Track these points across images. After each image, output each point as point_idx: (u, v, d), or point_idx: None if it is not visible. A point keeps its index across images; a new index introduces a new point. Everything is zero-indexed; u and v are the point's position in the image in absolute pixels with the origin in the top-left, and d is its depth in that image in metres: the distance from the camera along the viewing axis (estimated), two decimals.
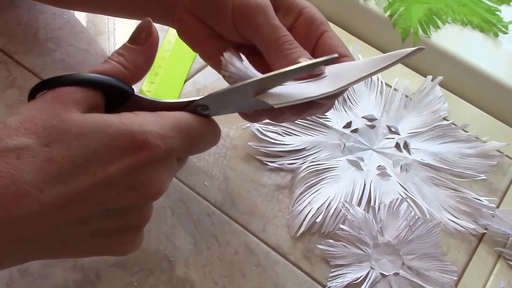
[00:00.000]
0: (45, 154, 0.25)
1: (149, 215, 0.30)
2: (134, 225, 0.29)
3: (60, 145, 0.25)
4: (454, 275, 0.39)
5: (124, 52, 0.30)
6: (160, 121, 0.28)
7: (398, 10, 0.58)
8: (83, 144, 0.25)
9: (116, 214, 0.28)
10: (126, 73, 0.29)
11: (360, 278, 0.38)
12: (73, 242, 0.27)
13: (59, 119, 0.26)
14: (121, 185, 0.26)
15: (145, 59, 0.30)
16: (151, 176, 0.27)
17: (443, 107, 0.51)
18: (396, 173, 0.46)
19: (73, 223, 0.26)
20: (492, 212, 0.44)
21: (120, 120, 0.27)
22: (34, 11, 0.51)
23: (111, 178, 0.26)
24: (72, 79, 0.27)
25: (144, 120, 0.27)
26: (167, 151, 0.27)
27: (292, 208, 0.42)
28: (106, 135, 0.26)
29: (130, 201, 0.27)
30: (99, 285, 0.36)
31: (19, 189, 0.24)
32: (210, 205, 0.41)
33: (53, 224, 0.25)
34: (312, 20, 0.35)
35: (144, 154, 0.26)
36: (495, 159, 0.48)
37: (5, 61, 0.46)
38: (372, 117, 0.49)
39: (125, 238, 0.29)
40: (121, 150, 0.26)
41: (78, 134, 0.25)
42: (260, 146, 0.45)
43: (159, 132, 0.27)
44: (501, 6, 0.61)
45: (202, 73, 0.50)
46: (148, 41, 0.30)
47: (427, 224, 0.40)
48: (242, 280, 0.38)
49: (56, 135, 0.25)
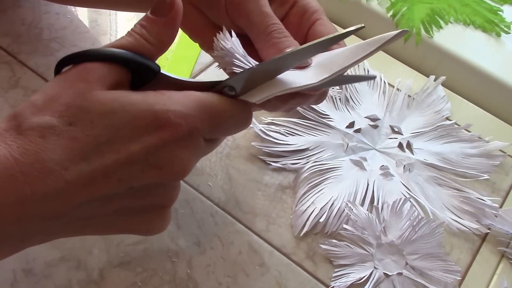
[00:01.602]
0: (69, 133, 0.25)
1: (175, 195, 0.30)
2: (159, 205, 0.30)
3: (84, 123, 0.25)
4: (458, 275, 0.39)
5: (147, 25, 0.29)
6: (184, 100, 0.28)
7: (400, 10, 0.58)
8: (106, 122, 0.25)
9: (140, 193, 0.28)
10: (150, 48, 0.29)
11: (364, 278, 0.38)
12: (98, 219, 0.28)
13: (83, 98, 0.26)
14: (144, 163, 0.26)
15: (169, 31, 0.29)
16: (174, 155, 0.27)
17: (446, 107, 0.51)
18: (399, 173, 0.46)
19: (97, 201, 0.26)
20: (495, 212, 0.44)
21: (144, 99, 0.27)
22: (38, 11, 0.51)
23: (134, 156, 0.26)
24: (98, 54, 0.27)
25: (168, 99, 0.27)
26: (190, 130, 0.27)
27: (295, 208, 0.42)
28: (129, 114, 0.26)
29: (153, 179, 0.27)
30: (102, 285, 0.36)
31: (44, 166, 0.24)
32: (214, 205, 0.41)
33: (78, 201, 0.25)
34: (305, 9, 0.35)
35: (167, 133, 0.26)
36: (498, 159, 0.48)
37: (9, 61, 0.46)
38: (375, 117, 0.49)
39: (150, 217, 0.30)
40: (144, 129, 0.26)
41: (101, 113, 0.26)
42: (263, 146, 0.45)
43: (182, 111, 0.27)
44: (503, 6, 0.61)
45: (205, 74, 0.50)
46: (172, 12, 0.29)
47: (430, 224, 0.40)
48: (246, 280, 0.38)
49: (79, 114, 0.25)
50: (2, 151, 0.24)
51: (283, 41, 0.32)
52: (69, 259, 0.36)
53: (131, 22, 0.53)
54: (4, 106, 0.43)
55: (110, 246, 0.37)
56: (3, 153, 0.24)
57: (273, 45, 0.32)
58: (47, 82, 0.28)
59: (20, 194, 0.24)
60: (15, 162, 0.24)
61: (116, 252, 0.37)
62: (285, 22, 0.34)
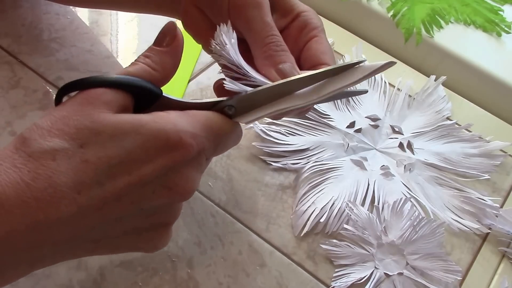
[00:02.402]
0: (81, 156, 0.25)
1: (179, 212, 0.31)
2: (164, 223, 0.30)
3: (95, 146, 0.25)
4: (458, 275, 0.39)
5: (150, 54, 0.30)
6: (192, 121, 0.28)
7: (401, 10, 0.58)
8: (118, 144, 0.25)
9: (149, 212, 0.28)
10: (154, 74, 0.29)
11: (364, 278, 0.38)
12: (107, 240, 0.28)
13: (92, 120, 0.25)
14: (156, 185, 0.26)
15: (171, 60, 0.30)
16: (184, 175, 0.27)
17: (447, 107, 0.51)
18: (399, 173, 0.46)
19: (107, 223, 0.26)
20: (496, 211, 0.44)
21: (154, 120, 0.27)
22: (38, 11, 0.51)
23: (146, 178, 0.26)
24: (101, 81, 0.27)
25: (176, 119, 0.27)
26: (199, 151, 0.28)
27: (296, 208, 0.42)
28: (140, 135, 0.26)
29: (163, 200, 0.27)
30: (103, 284, 0.36)
31: (56, 191, 0.24)
32: (214, 205, 0.41)
33: (89, 225, 0.25)
34: (306, 24, 0.35)
35: (178, 154, 0.27)
36: (498, 159, 0.48)
37: (10, 62, 0.46)
38: (375, 117, 0.49)
39: (156, 235, 0.30)
40: (156, 150, 0.26)
41: (112, 135, 0.25)
42: (263, 146, 0.45)
43: (192, 132, 0.27)
44: (504, 6, 0.61)
45: (205, 73, 0.50)
46: (174, 43, 0.30)
47: (431, 224, 0.40)
48: (246, 280, 0.38)
49: (90, 136, 0.25)
50: (12, 176, 0.24)
51: (279, 55, 0.32)
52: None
53: (131, 22, 0.53)
54: (5, 107, 0.43)
55: None
56: (14, 177, 0.24)
57: (269, 57, 0.32)
58: (52, 108, 0.28)
59: (32, 220, 0.23)
60: (27, 188, 0.23)
61: None
62: (284, 34, 0.34)
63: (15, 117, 0.43)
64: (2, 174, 0.24)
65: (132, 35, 0.52)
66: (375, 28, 0.59)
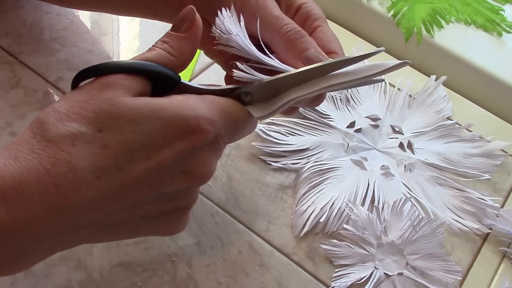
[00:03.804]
0: (100, 140, 0.24)
1: (197, 197, 0.31)
2: (182, 207, 0.30)
3: (114, 130, 0.25)
4: (459, 275, 0.39)
5: (169, 39, 0.29)
6: (210, 106, 0.28)
7: (401, 10, 0.58)
8: (137, 129, 0.25)
9: (168, 197, 0.28)
10: (172, 60, 0.29)
11: (364, 278, 0.38)
12: (125, 225, 0.28)
13: (110, 104, 0.25)
14: (174, 169, 0.27)
15: (190, 45, 0.30)
16: (202, 160, 0.28)
17: (447, 107, 0.51)
18: (400, 173, 0.45)
19: (127, 207, 0.26)
20: (496, 211, 0.43)
21: (173, 104, 0.26)
22: (39, 12, 0.51)
23: (165, 162, 0.26)
24: (119, 67, 0.27)
25: (195, 104, 0.27)
26: (216, 136, 0.28)
27: (295, 208, 0.42)
28: (159, 119, 0.26)
29: (182, 184, 0.27)
30: (102, 284, 0.36)
31: (76, 176, 0.24)
32: (214, 205, 0.41)
33: (109, 209, 0.25)
34: (308, 15, 0.35)
35: (196, 139, 0.27)
36: (499, 159, 0.48)
37: (10, 62, 0.46)
38: (375, 116, 0.49)
39: (174, 219, 0.30)
40: (175, 135, 0.26)
41: (131, 119, 0.25)
42: (263, 146, 0.45)
43: (210, 118, 0.27)
44: (505, 5, 0.61)
45: (206, 73, 0.50)
46: (192, 28, 0.30)
47: (431, 224, 0.40)
48: (246, 280, 0.38)
49: (109, 120, 0.25)
50: (32, 162, 0.24)
51: (300, 42, 0.32)
52: (69, 258, 0.36)
53: (132, 23, 0.53)
54: (5, 107, 0.43)
55: (110, 245, 0.37)
56: (33, 164, 0.23)
57: (291, 48, 0.32)
58: (69, 92, 0.27)
59: (53, 206, 0.23)
60: (47, 174, 0.23)
61: (116, 252, 0.37)
62: None
63: (15, 117, 0.43)
64: (21, 160, 0.24)
65: (133, 35, 0.52)
66: (375, 28, 0.59)
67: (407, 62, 0.29)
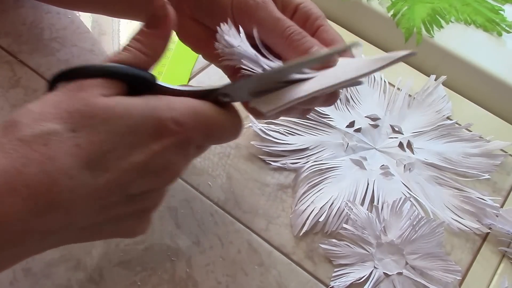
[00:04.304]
0: (73, 140, 0.24)
1: (163, 199, 0.30)
2: (146, 209, 0.29)
3: (87, 130, 0.24)
4: (458, 274, 0.39)
5: (141, 38, 0.29)
6: (182, 108, 0.28)
7: (401, 10, 0.58)
8: (110, 129, 0.25)
9: (134, 199, 0.28)
10: (146, 59, 0.29)
11: (363, 278, 0.38)
12: (91, 228, 0.27)
13: (85, 104, 0.25)
14: (144, 170, 0.26)
15: (163, 42, 0.30)
16: (170, 161, 0.27)
17: (447, 107, 0.51)
18: (399, 173, 0.45)
19: (96, 210, 0.26)
20: (496, 211, 0.43)
21: (145, 103, 0.26)
22: (39, 11, 0.51)
23: (136, 163, 0.26)
24: (95, 70, 0.27)
25: (167, 105, 0.27)
26: (187, 138, 0.28)
27: (295, 207, 0.42)
28: (133, 119, 0.26)
29: (150, 185, 0.27)
30: (102, 284, 0.36)
31: (48, 177, 0.23)
32: (213, 205, 0.41)
33: (80, 212, 0.25)
34: (307, 15, 0.34)
35: (167, 140, 0.27)
36: (499, 159, 0.48)
37: (10, 61, 0.46)
38: (375, 116, 0.49)
39: (136, 221, 0.29)
40: (146, 136, 0.26)
41: (105, 118, 0.25)
42: (263, 145, 0.45)
43: (181, 119, 0.27)
44: (504, 5, 0.61)
45: (205, 72, 0.50)
46: (165, 23, 0.29)
47: (431, 224, 0.40)
48: (245, 280, 0.38)
49: (82, 120, 0.24)
50: (2, 162, 0.23)
51: (302, 43, 0.31)
52: (68, 258, 0.36)
53: (132, 22, 0.53)
54: (5, 106, 0.43)
55: (109, 245, 0.37)
56: (3, 164, 0.23)
57: (294, 49, 0.31)
58: (44, 93, 0.27)
59: (22, 210, 0.23)
60: (17, 174, 0.23)
61: (115, 252, 0.37)
62: None
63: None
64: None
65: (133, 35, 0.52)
66: (375, 28, 0.59)
67: (414, 53, 0.29)
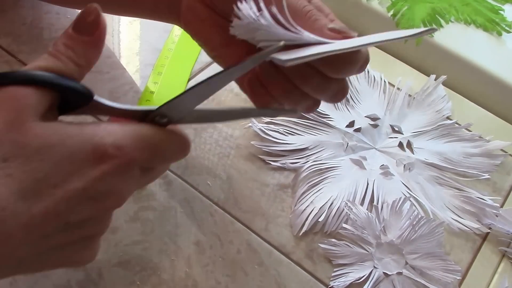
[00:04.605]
0: (4, 170, 0.23)
1: (108, 224, 0.29)
2: (91, 235, 0.28)
3: (20, 159, 0.23)
4: (458, 274, 0.39)
5: (73, 45, 0.27)
6: (120, 132, 0.27)
7: (401, 10, 0.58)
8: (43, 157, 0.24)
9: (76, 226, 0.26)
10: (77, 70, 0.27)
11: (363, 278, 0.38)
12: (31, 259, 0.26)
13: (17, 132, 0.24)
14: (82, 197, 0.25)
15: (96, 51, 0.28)
16: (111, 187, 0.26)
17: (447, 106, 0.51)
18: (399, 172, 0.45)
19: (33, 240, 0.25)
20: (496, 211, 0.43)
21: (81, 132, 0.25)
22: (39, 11, 0.51)
23: (73, 190, 0.25)
24: (28, 78, 0.25)
25: (104, 131, 0.26)
26: (128, 162, 0.26)
27: (294, 207, 0.42)
28: (67, 147, 0.25)
29: (90, 212, 0.26)
30: (101, 284, 0.36)
31: None
32: (213, 204, 0.41)
33: (15, 243, 0.24)
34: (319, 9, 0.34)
35: (105, 165, 0.25)
36: (499, 159, 0.48)
37: (9, 61, 0.46)
38: (375, 116, 0.49)
39: (82, 248, 0.28)
40: (82, 162, 0.25)
41: (38, 148, 0.24)
42: (262, 145, 0.45)
43: (119, 144, 0.26)
44: (504, 5, 0.61)
45: (205, 72, 0.50)
46: (98, 30, 0.27)
47: (430, 224, 0.40)
48: (245, 279, 0.38)
49: (14, 149, 0.24)
50: None
51: (322, 19, 0.31)
52: None
53: (133, 23, 0.53)
54: None
55: (108, 245, 0.37)
56: None
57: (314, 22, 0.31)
58: None
59: None
60: None
61: (114, 251, 0.37)
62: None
63: None
64: None
65: (133, 35, 0.52)
66: (375, 28, 0.59)
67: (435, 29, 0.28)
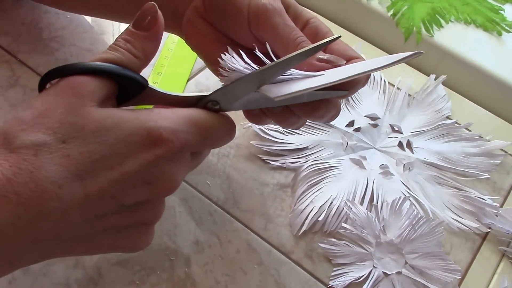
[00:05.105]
0: (63, 151, 0.25)
1: (161, 211, 0.30)
2: (145, 221, 0.29)
3: (77, 141, 0.25)
4: (458, 274, 0.39)
5: (131, 39, 0.29)
6: (173, 117, 0.28)
7: (401, 9, 0.58)
8: (100, 140, 0.25)
9: (130, 209, 0.28)
10: (137, 63, 0.29)
11: (363, 277, 0.38)
12: (87, 239, 0.27)
13: (76, 115, 0.25)
14: (137, 180, 0.26)
15: (153, 45, 0.30)
16: (165, 171, 0.27)
17: (446, 106, 0.51)
18: (399, 172, 0.45)
19: (89, 220, 0.26)
20: (495, 211, 0.43)
21: (136, 117, 0.27)
22: (38, 11, 0.51)
23: (127, 173, 0.26)
24: (87, 68, 0.27)
25: (158, 116, 0.27)
26: (181, 146, 0.28)
27: (294, 206, 0.41)
28: (122, 131, 0.26)
29: (144, 196, 0.27)
30: (100, 283, 0.36)
31: (38, 186, 0.24)
32: (212, 204, 0.41)
33: (71, 221, 0.25)
34: (317, 30, 0.35)
35: (159, 149, 0.27)
36: (498, 158, 0.48)
37: (9, 61, 0.46)
38: (375, 116, 0.49)
39: (136, 234, 0.29)
40: (137, 146, 0.26)
41: (95, 131, 0.25)
42: (262, 145, 0.45)
43: (173, 128, 0.27)
44: (504, 5, 0.61)
45: (204, 73, 0.50)
46: (155, 26, 0.30)
47: (430, 223, 0.40)
48: (244, 279, 0.37)
49: (73, 131, 0.25)
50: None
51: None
52: (67, 257, 0.36)
53: None
54: (4, 105, 0.43)
55: None
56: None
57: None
58: (34, 97, 0.27)
59: (13, 215, 0.23)
60: (8, 182, 0.23)
61: None
62: None
63: (14, 116, 0.43)
64: None
65: None
66: (375, 28, 0.59)
67: (421, 52, 0.29)
